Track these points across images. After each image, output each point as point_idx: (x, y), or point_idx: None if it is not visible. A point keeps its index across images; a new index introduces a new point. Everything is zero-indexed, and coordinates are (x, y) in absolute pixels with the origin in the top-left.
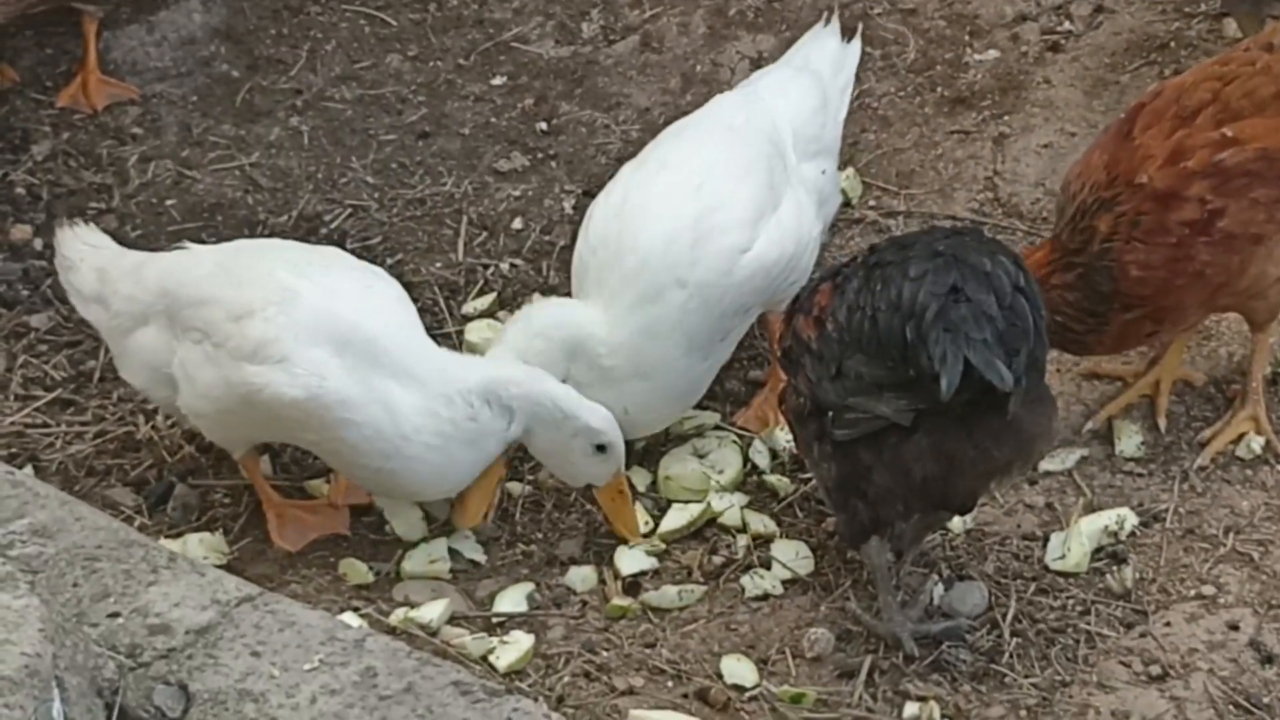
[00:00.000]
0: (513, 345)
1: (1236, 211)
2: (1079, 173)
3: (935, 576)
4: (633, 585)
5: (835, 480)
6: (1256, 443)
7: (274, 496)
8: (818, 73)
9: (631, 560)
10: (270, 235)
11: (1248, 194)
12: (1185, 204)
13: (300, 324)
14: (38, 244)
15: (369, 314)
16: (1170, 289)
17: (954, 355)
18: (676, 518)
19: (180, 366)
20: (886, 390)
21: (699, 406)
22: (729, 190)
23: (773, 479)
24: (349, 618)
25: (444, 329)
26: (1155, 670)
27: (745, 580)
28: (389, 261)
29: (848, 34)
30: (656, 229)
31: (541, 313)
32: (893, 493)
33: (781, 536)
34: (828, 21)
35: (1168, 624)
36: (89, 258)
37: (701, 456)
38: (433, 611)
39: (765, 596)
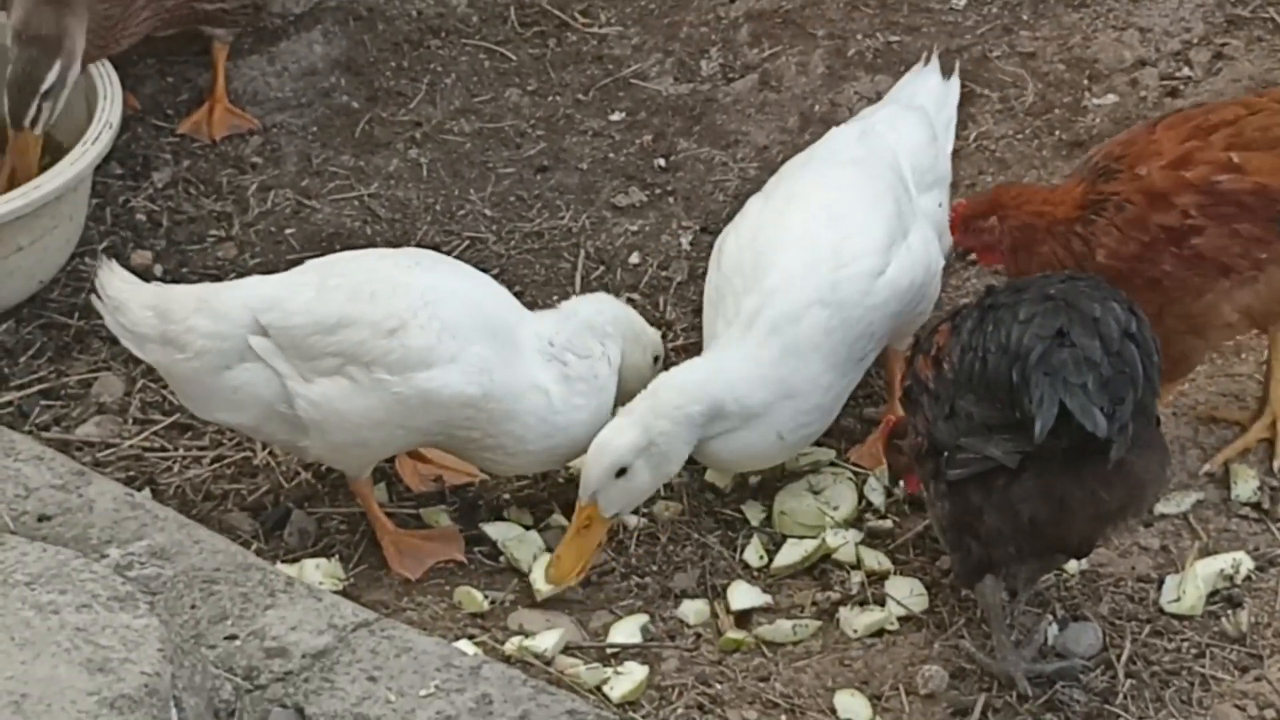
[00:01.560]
0: (641, 422)
1: (1214, 235)
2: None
3: (1050, 616)
4: (744, 618)
5: (949, 519)
6: (1250, 487)
7: (389, 525)
8: (923, 108)
9: (744, 595)
10: None
11: (1232, 223)
12: (1170, 210)
13: (455, 322)
14: (158, 270)
15: (494, 298)
16: (1126, 285)
17: (1050, 399)
18: (791, 553)
19: (316, 407)
20: (995, 431)
21: (814, 443)
22: (862, 219)
23: (885, 521)
24: (464, 645)
25: None
26: (1270, 714)
27: (845, 613)
28: None
29: (946, 72)
30: (794, 254)
31: (670, 387)
32: (1003, 534)
33: (896, 573)
34: (927, 60)
35: None
36: (134, 296)
37: (816, 493)
38: (547, 641)
39: (881, 633)
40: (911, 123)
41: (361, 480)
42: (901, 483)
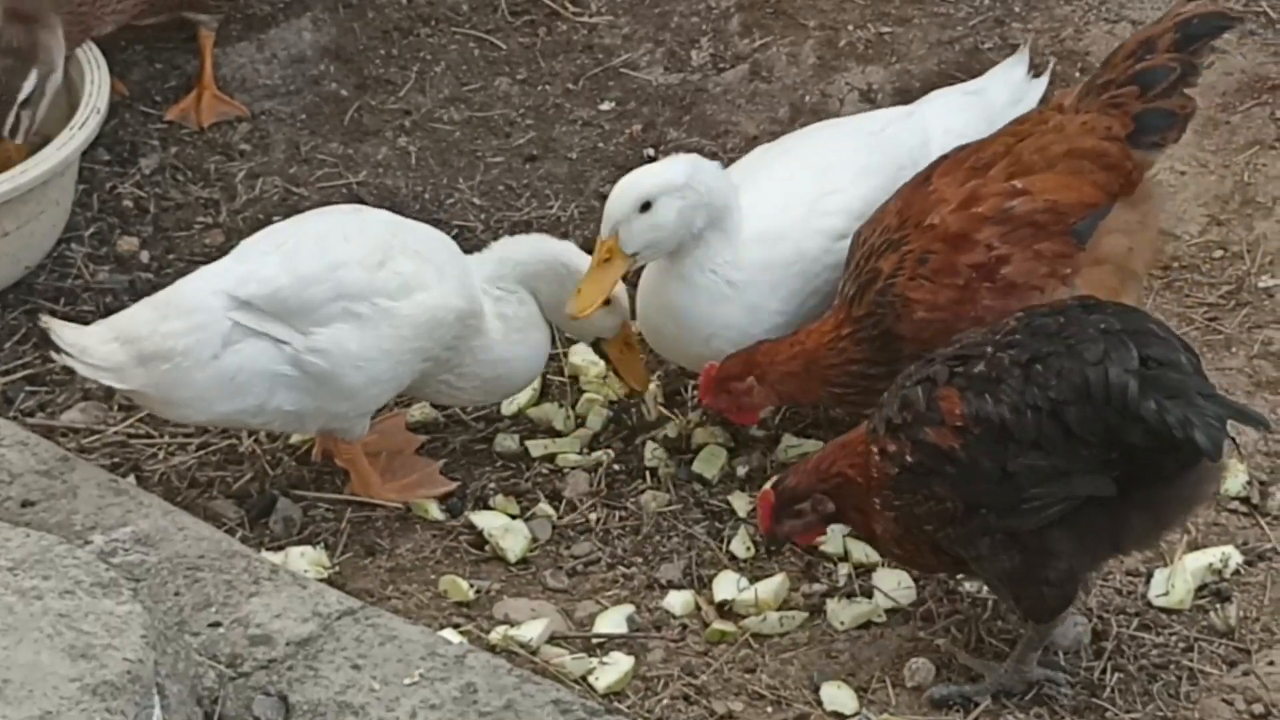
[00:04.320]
0: (687, 165)
1: (1020, 260)
2: (872, 219)
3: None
4: (728, 609)
5: (1019, 570)
6: (1239, 481)
7: (377, 481)
8: (991, 100)
9: (728, 586)
10: None
11: (1032, 244)
12: (974, 247)
13: (427, 248)
14: (144, 256)
15: (442, 236)
16: (950, 333)
17: (1198, 415)
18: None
19: (326, 354)
20: (1075, 474)
21: (802, 435)
22: (844, 182)
23: None
24: (449, 634)
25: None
26: (1258, 709)
27: (832, 605)
28: None
29: (1037, 69)
30: (778, 194)
31: (703, 165)
32: (1083, 564)
33: (884, 565)
34: (1021, 51)
35: (1271, 663)
36: (90, 336)
37: None
38: (533, 630)
39: (868, 625)
40: (968, 112)
41: (357, 443)
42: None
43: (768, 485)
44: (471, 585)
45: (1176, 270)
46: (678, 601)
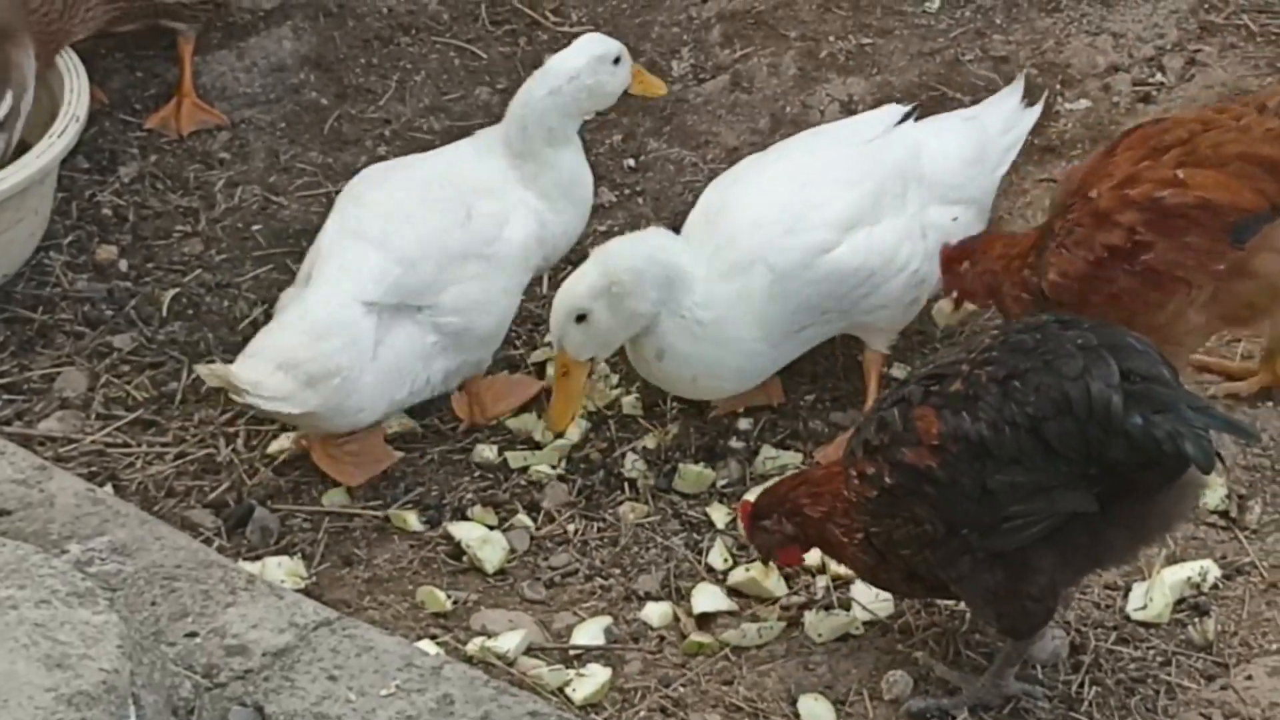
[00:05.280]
0: (606, 262)
1: (1164, 250)
2: (1069, 174)
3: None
4: (708, 621)
5: (1002, 587)
6: (1218, 495)
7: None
8: (985, 127)
9: (707, 598)
10: None
11: (1181, 236)
12: (1115, 229)
13: (485, 183)
14: (123, 265)
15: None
16: (1086, 304)
17: (1188, 431)
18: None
19: (459, 310)
20: (1057, 490)
21: (780, 446)
22: (831, 192)
23: None
24: (426, 645)
25: (527, 361)
26: None
27: (810, 617)
28: None
29: (1031, 98)
30: (756, 207)
31: (649, 237)
32: (1064, 579)
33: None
34: (1017, 82)
35: (1249, 677)
36: (257, 371)
37: None
38: (510, 642)
39: (846, 637)
40: (961, 136)
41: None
42: (773, 560)
43: (748, 495)
44: (449, 596)
45: None
46: (655, 613)
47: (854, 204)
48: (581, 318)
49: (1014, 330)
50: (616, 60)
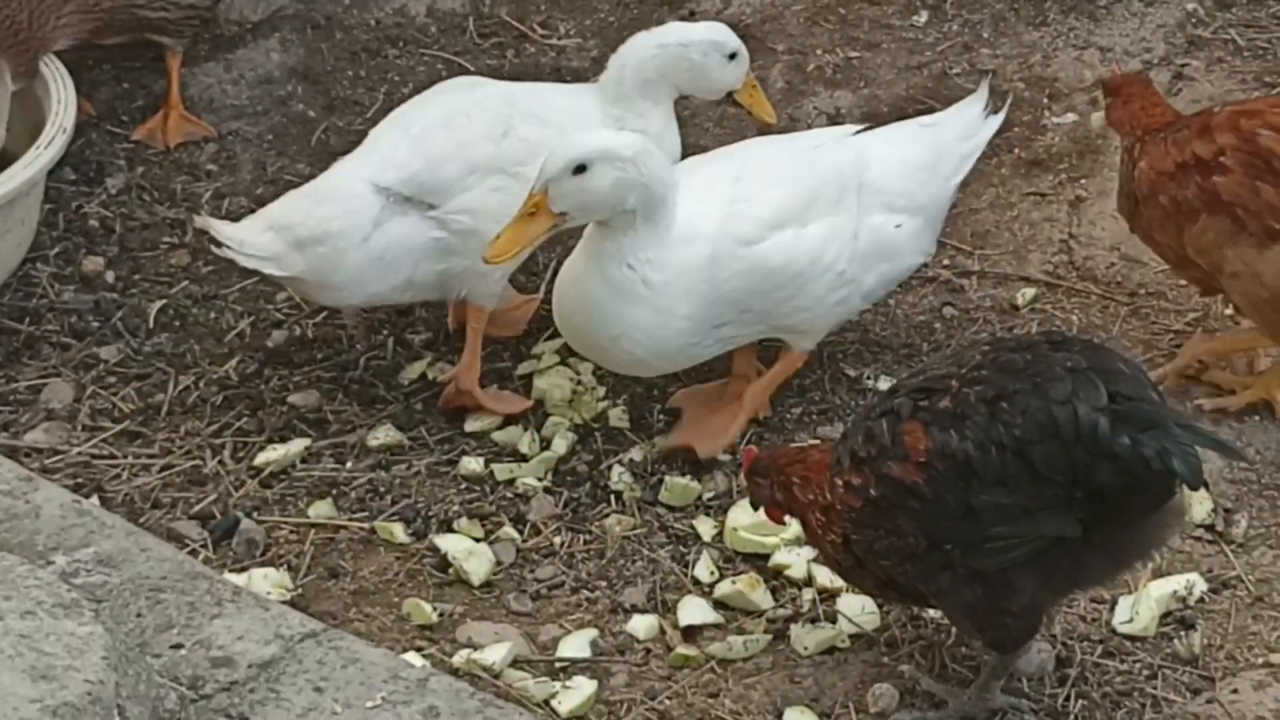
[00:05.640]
0: (635, 144)
1: (1235, 182)
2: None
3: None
4: (694, 634)
5: (981, 603)
6: (1204, 509)
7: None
8: (941, 134)
9: (693, 611)
10: None
11: (1256, 178)
12: (1209, 143)
13: (545, 114)
14: (110, 276)
15: (560, 90)
16: (1151, 201)
17: (1176, 449)
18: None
19: (471, 213)
20: (1039, 513)
21: None
22: (761, 189)
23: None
24: (412, 657)
25: (514, 375)
26: None
27: (796, 630)
28: None
29: (995, 105)
30: (696, 196)
31: (653, 151)
32: (1045, 599)
33: (848, 591)
34: (980, 89)
35: (1235, 691)
36: (246, 229)
37: None
38: (496, 654)
39: (832, 650)
40: (915, 143)
41: (485, 315)
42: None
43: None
44: (435, 608)
45: (1143, 297)
46: (641, 626)
47: (782, 203)
48: (581, 170)
49: (1005, 348)
50: (732, 55)
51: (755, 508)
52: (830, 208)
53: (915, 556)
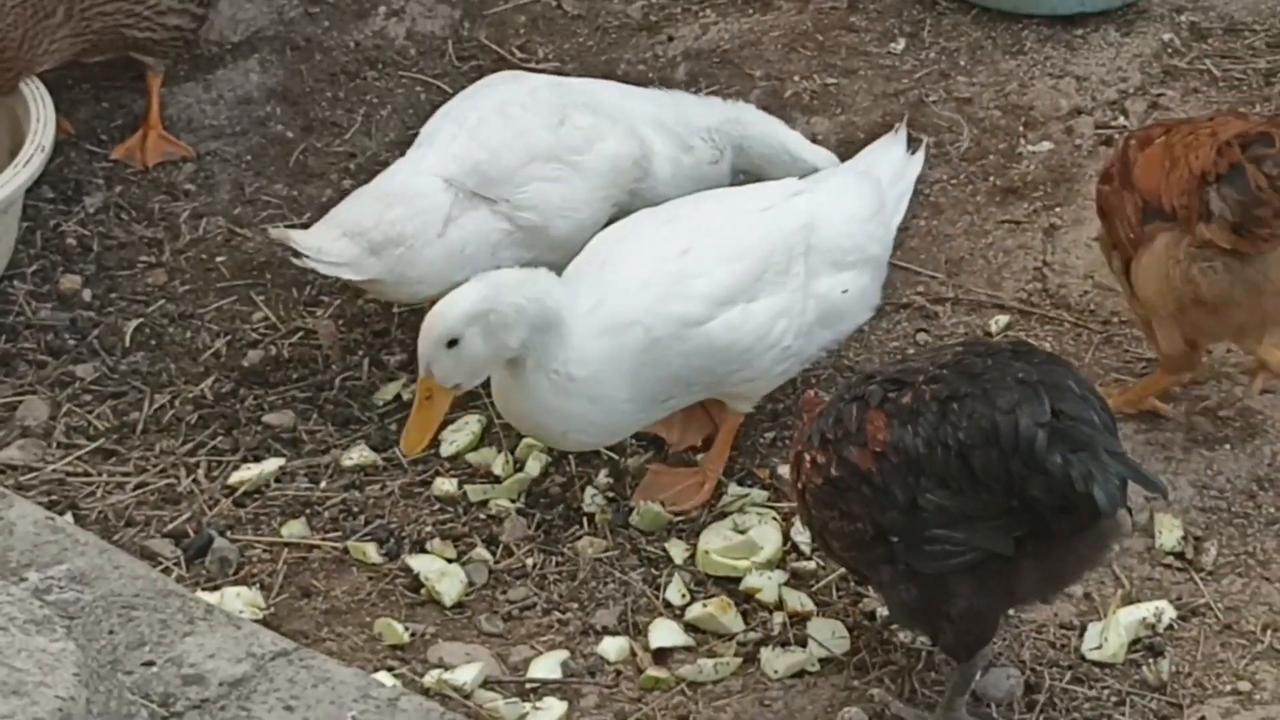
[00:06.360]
0: (489, 291)
1: (1110, 191)
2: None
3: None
4: (665, 656)
5: (917, 603)
6: (1174, 536)
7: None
8: (877, 180)
9: (664, 633)
10: (318, 294)
11: (1125, 187)
12: (1126, 147)
13: (594, 104)
14: (86, 295)
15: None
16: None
17: (1100, 472)
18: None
19: (536, 208)
20: (979, 520)
21: (741, 483)
22: (711, 265)
23: (808, 562)
24: (383, 677)
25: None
26: None
27: (766, 653)
28: None
29: (914, 145)
30: (639, 269)
31: (539, 278)
32: (985, 612)
33: (818, 615)
34: (898, 131)
35: (1202, 718)
36: (320, 236)
37: (742, 532)
38: (467, 674)
39: (802, 674)
40: (860, 195)
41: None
42: None
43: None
44: (406, 628)
45: (1116, 325)
46: (612, 648)
47: (731, 280)
48: (453, 343)
49: (973, 352)
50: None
51: None
52: (778, 278)
53: (863, 544)
